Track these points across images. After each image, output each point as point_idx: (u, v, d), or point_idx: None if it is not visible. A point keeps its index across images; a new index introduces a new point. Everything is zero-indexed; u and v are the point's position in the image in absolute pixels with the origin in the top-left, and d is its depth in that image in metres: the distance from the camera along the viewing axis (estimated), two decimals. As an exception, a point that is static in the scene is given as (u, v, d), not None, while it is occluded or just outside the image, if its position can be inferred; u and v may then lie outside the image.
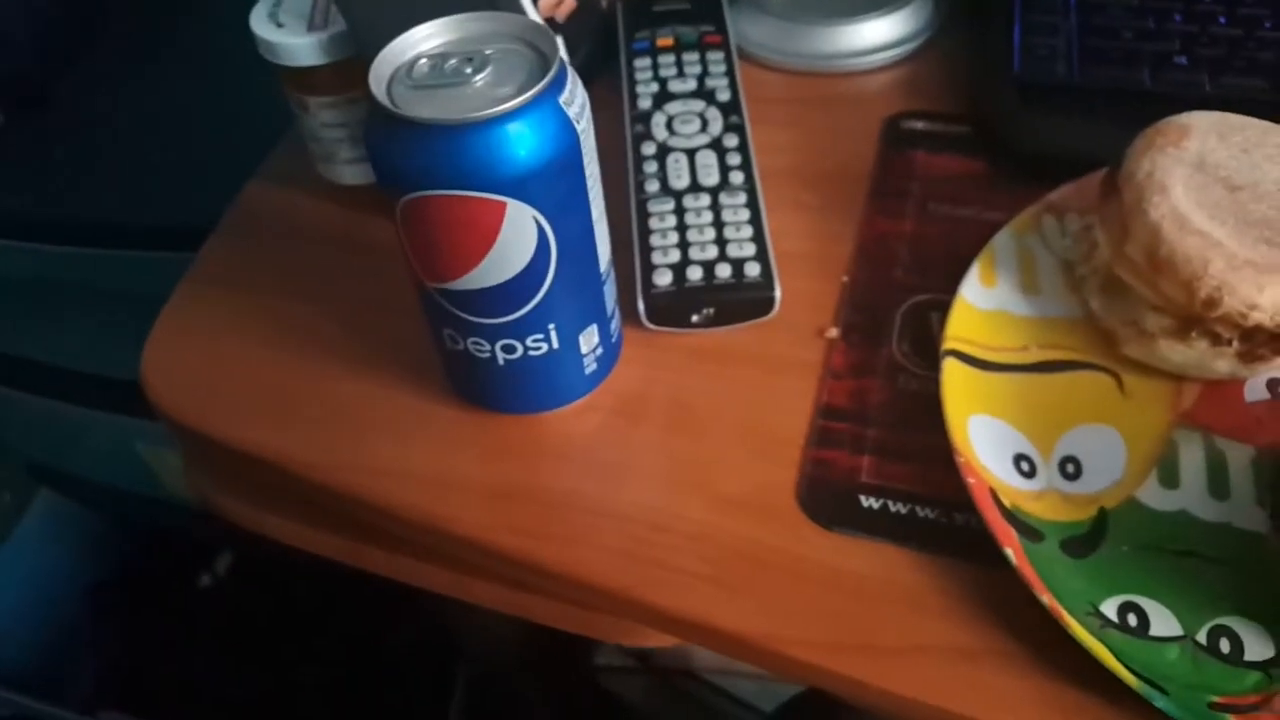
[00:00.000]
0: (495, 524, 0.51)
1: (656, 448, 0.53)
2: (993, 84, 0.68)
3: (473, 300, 0.47)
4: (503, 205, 0.43)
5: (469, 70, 0.44)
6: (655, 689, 0.96)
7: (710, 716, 0.99)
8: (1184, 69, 0.65)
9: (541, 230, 0.45)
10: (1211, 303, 0.48)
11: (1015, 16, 0.69)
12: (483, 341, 0.49)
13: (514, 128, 0.42)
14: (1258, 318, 0.48)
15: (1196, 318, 0.50)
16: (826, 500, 0.51)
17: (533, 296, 0.47)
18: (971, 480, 0.48)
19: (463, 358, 0.51)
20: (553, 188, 0.44)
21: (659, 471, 0.52)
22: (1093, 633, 0.44)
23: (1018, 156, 0.64)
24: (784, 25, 0.74)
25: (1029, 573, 0.45)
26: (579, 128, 0.45)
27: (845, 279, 0.60)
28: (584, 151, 0.46)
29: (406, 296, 0.52)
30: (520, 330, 0.49)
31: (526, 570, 0.50)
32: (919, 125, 0.68)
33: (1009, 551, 0.46)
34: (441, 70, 0.44)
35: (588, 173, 0.46)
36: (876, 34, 0.74)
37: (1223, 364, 0.50)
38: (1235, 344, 0.50)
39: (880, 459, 0.52)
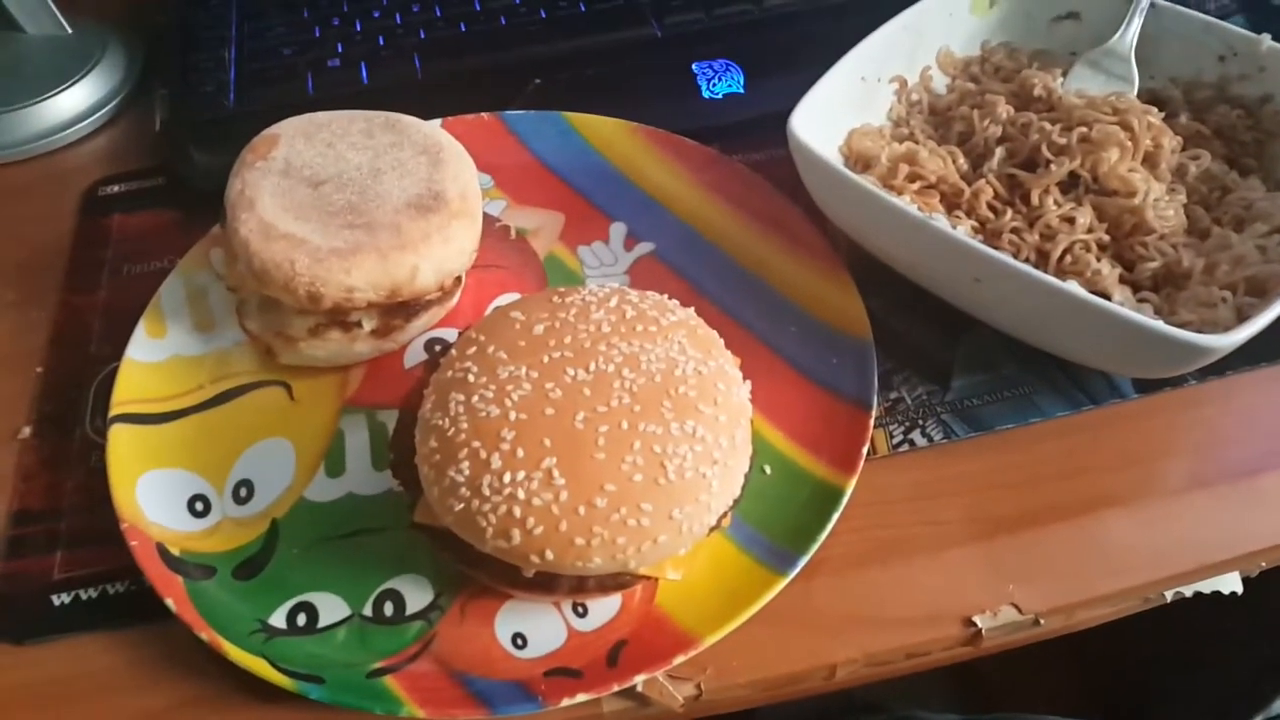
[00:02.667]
0: None
1: None
2: (170, 130, 0.67)
3: None
4: None
5: None
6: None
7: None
8: (338, 70, 0.67)
9: None
10: (315, 298, 0.50)
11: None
12: None
13: None
14: (362, 297, 0.51)
15: (324, 313, 0.52)
16: (17, 614, 0.48)
17: None
18: (135, 542, 0.47)
19: None
20: None
21: None
22: (255, 650, 0.44)
23: (202, 197, 0.64)
24: (-39, 123, 0.69)
25: (190, 615, 0.45)
26: None
27: (39, 370, 0.57)
28: None
29: None
30: None
31: None
32: (116, 189, 0.67)
33: (170, 601, 0.45)
34: None
35: None
36: (65, 108, 0.71)
37: (362, 346, 0.53)
38: (365, 325, 0.52)
39: (74, 550, 0.51)
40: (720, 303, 0.56)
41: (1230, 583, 0.50)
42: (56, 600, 0.48)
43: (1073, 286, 0.46)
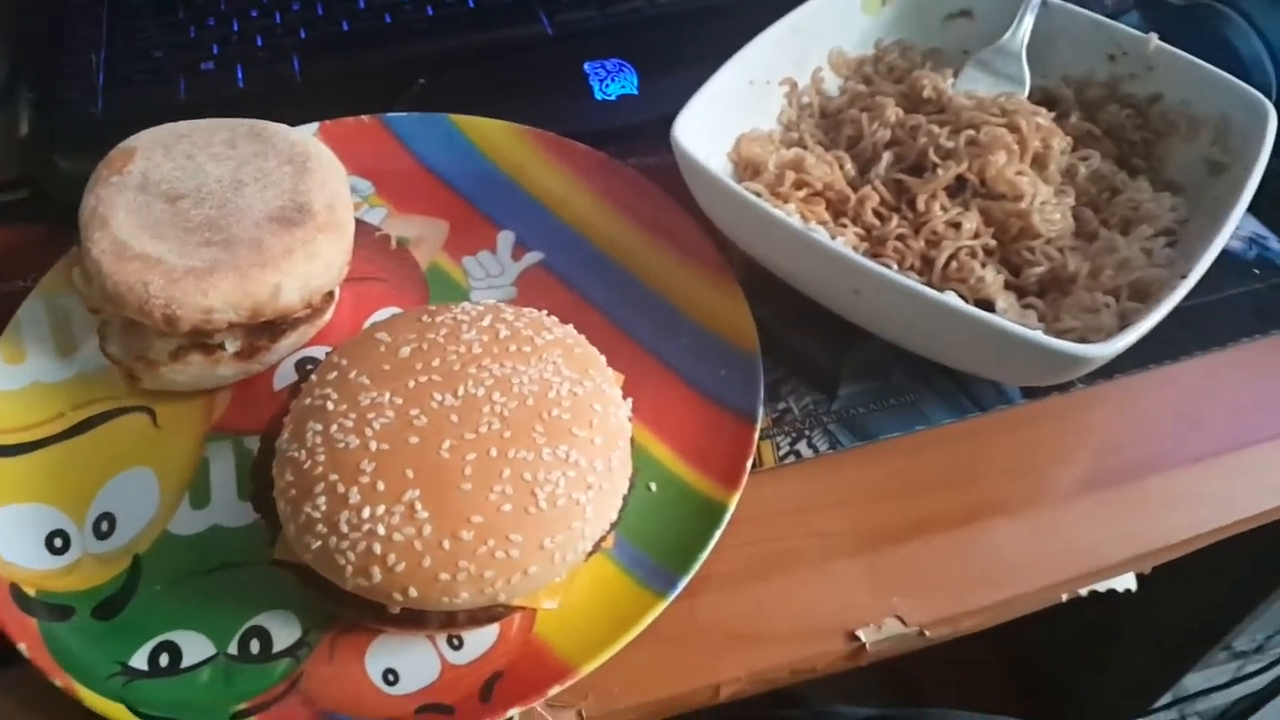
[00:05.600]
0: None
1: None
2: (34, 138, 0.64)
3: None
4: None
5: None
6: None
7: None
8: (212, 73, 0.64)
9: None
10: (171, 321, 0.48)
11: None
12: None
13: None
14: (221, 318, 0.48)
15: (184, 335, 0.49)
16: None
17: None
18: (-16, 585, 0.44)
19: None
20: None
21: None
22: (113, 694, 0.42)
23: (68, 211, 0.61)
24: None
25: (44, 660, 0.43)
26: None
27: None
28: None
29: None
30: None
31: None
32: (-32, 204, 0.63)
33: (22, 646, 0.43)
34: None
35: None
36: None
37: (225, 369, 0.51)
38: (228, 346, 0.50)
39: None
40: (610, 314, 0.54)
41: (1124, 581, 0.50)
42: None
43: (950, 298, 0.45)
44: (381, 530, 0.39)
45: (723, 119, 0.57)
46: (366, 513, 0.39)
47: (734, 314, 0.53)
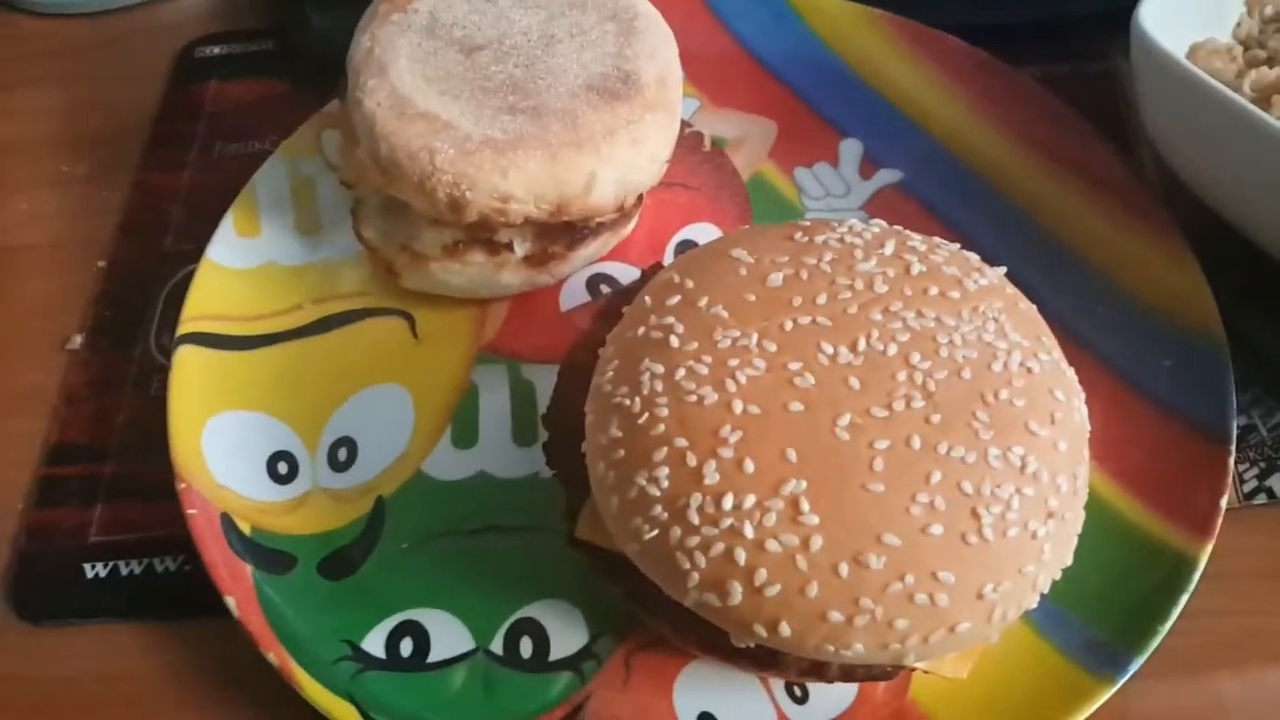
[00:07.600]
0: None
1: None
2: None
3: None
4: None
5: None
6: None
7: None
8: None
9: None
10: (457, 205, 0.36)
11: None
12: None
13: None
14: (519, 210, 0.37)
15: (467, 227, 0.38)
16: (41, 584, 0.37)
17: None
18: (193, 510, 0.35)
19: None
20: None
21: None
22: (340, 687, 0.32)
23: (318, 67, 0.50)
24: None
25: (255, 624, 0.33)
26: None
27: (102, 264, 0.45)
28: None
29: None
30: None
31: None
32: (216, 50, 0.54)
33: (231, 600, 0.33)
34: None
35: None
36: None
37: (510, 276, 0.39)
38: (517, 248, 0.38)
39: (117, 504, 0.39)
40: (999, 262, 0.39)
41: None
42: (90, 570, 0.36)
43: None
44: (749, 531, 0.26)
45: (1176, 22, 0.42)
46: (729, 502, 0.27)
47: (1180, 280, 0.39)
